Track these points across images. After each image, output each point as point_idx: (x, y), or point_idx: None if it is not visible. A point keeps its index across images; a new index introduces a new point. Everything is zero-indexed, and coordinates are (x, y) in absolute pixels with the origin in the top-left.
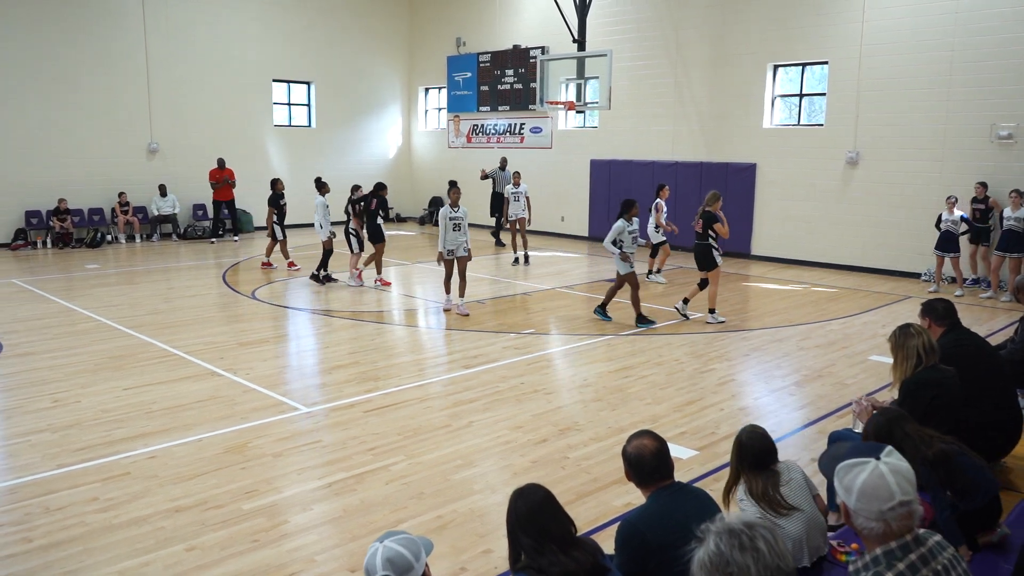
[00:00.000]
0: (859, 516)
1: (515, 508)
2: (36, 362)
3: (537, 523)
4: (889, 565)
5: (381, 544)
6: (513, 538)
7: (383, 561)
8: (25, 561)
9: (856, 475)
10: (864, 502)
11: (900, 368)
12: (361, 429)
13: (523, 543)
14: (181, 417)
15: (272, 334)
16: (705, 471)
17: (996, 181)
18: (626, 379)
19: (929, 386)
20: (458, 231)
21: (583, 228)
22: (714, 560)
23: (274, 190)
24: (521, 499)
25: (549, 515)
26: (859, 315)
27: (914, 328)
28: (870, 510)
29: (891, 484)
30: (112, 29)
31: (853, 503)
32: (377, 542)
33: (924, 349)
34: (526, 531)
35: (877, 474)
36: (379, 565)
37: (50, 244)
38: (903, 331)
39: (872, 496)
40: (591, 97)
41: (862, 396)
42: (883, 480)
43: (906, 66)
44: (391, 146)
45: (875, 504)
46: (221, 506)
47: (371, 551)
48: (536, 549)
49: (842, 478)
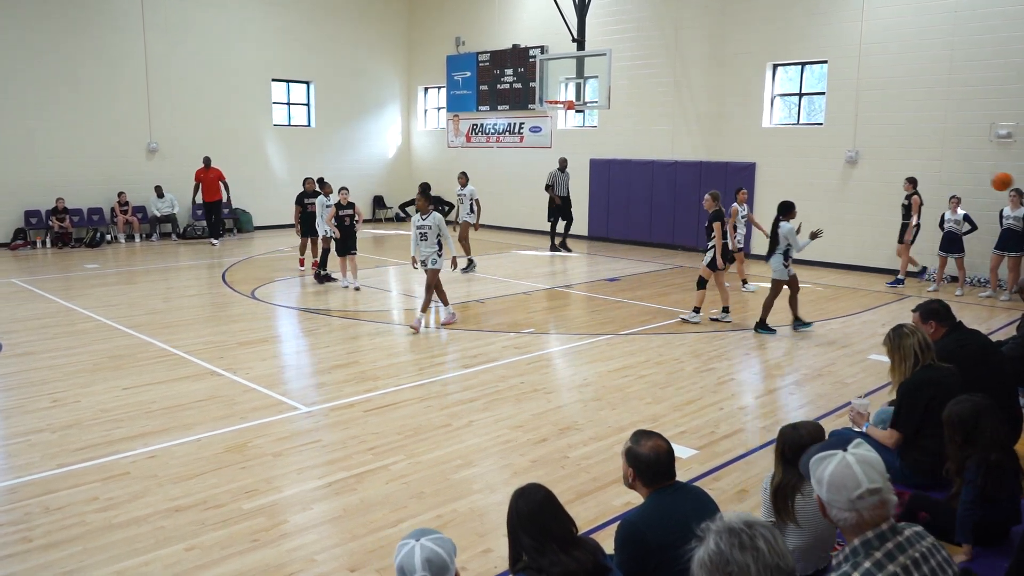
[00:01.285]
0: (832, 507)
1: (516, 508)
2: (36, 362)
3: (538, 523)
4: (867, 554)
5: (417, 543)
6: (514, 538)
7: (423, 561)
8: (25, 561)
9: (825, 467)
10: (834, 492)
11: (899, 369)
12: (361, 428)
13: (524, 543)
14: (181, 417)
15: (272, 334)
16: (705, 470)
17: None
18: (626, 378)
19: (927, 386)
20: (424, 241)
21: (583, 228)
22: (714, 559)
23: (304, 188)
24: (522, 499)
25: (550, 515)
26: (858, 314)
27: (907, 328)
28: (840, 500)
29: (858, 473)
30: (111, 28)
31: (825, 495)
32: (411, 540)
33: (920, 347)
34: (527, 531)
35: (844, 464)
36: (418, 565)
37: (49, 244)
38: (897, 332)
39: (840, 486)
40: (590, 96)
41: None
42: (849, 470)
43: (905, 65)
44: (391, 145)
45: (843, 493)
46: (221, 506)
47: (406, 549)
48: (537, 549)
49: (813, 471)
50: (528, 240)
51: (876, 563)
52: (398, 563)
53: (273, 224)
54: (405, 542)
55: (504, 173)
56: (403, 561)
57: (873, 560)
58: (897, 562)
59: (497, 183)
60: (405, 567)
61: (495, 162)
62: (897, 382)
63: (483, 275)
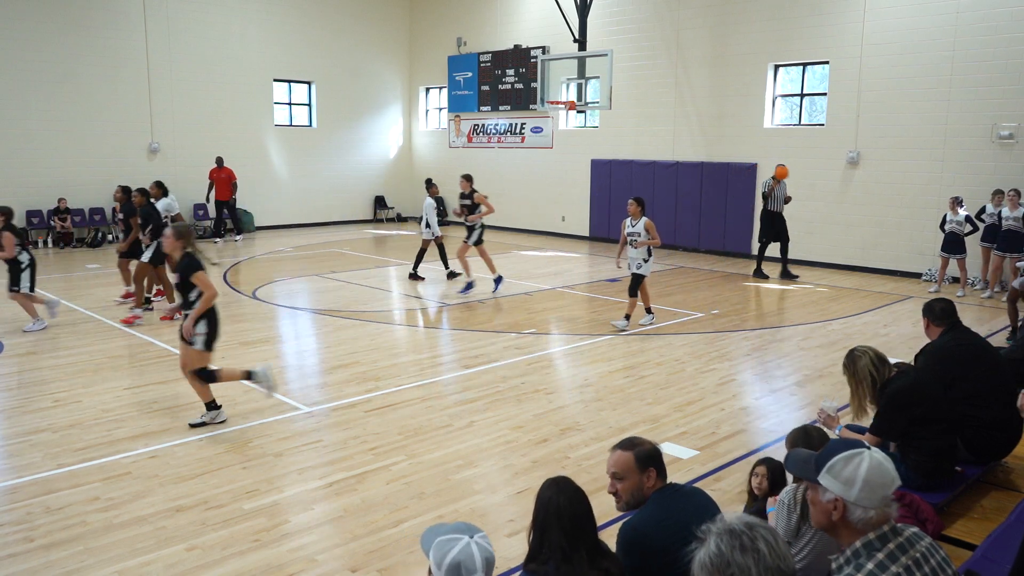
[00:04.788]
0: (858, 508)
1: (555, 501)
2: (36, 362)
3: (577, 523)
4: (869, 555)
5: (472, 540)
6: (543, 531)
7: (483, 561)
8: (26, 561)
9: (856, 466)
10: (868, 491)
11: (858, 394)
12: (362, 429)
13: (555, 540)
14: (182, 416)
15: (273, 334)
16: (706, 471)
17: (997, 181)
18: (627, 379)
19: (904, 394)
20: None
21: (583, 228)
22: (715, 561)
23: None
24: (562, 494)
25: (587, 517)
26: (860, 315)
27: (858, 351)
28: (874, 498)
29: (889, 468)
30: (113, 29)
31: (855, 495)
32: (462, 535)
33: (874, 366)
34: (564, 529)
35: (876, 462)
36: (479, 564)
37: (51, 244)
38: (850, 357)
39: (878, 484)
40: (592, 97)
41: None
42: (883, 467)
43: (907, 66)
44: (392, 146)
45: (879, 492)
46: (222, 506)
47: (461, 544)
48: (565, 551)
49: (839, 473)
50: (528, 240)
51: (879, 564)
52: (454, 559)
53: (274, 224)
54: (455, 537)
55: (505, 173)
56: (461, 558)
57: (876, 561)
58: (899, 563)
59: (498, 183)
60: (465, 564)
61: (496, 163)
62: (857, 407)
63: (484, 275)
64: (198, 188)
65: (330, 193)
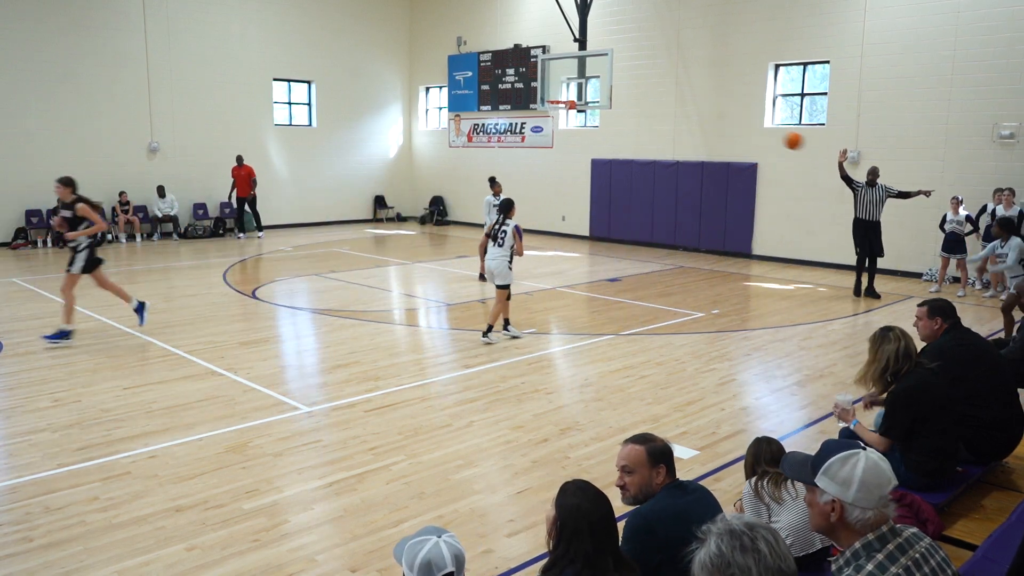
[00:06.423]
0: (855, 508)
1: (580, 507)
2: (36, 361)
3: (604, 527)
4: (869, 556)
5: (440, 539)
6: (570, 538)
7: (451, 557)
8: (25, 561)
9: (853, 466)
10: (865, 491)
11: (869, 367)
12: (362, 429)
13: (584, 548)
14: (181, 416)
15: (272, 333)
16: (706, 471)
17: (997, 181)
18: (627, 379)
19: (908, 395)
20: None
21: (584, 228)
22: (715, 561)
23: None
24: (587, 500)
25: (612, 519)
26: (861, 315)
27: (894, 333)
28: (871, 498)
29: (887, 470)
30: (113, 28)
31: (852, 495)
32: (431, 536)
33: (897, 355)
34: (595, 535)
35: (872, 462)
36: (448, 560)
37: (50, 243)
38: (882, 334)
39: (875, 484)
40: (592, 96)
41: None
42: (879, 467)
43: (907, 65)
44: (392, 145)
45: (876, 491)
46: (221, 506)
47: (429, 544)
48: (589, 556)
49: (835, 474)
50: (528, 240)
51: (878, 565)
52: (424, 558)
53: (274, 224)
54: (424, 538)
55: (505, 173)
56: (431, 556)
57: (875, 562)
58: (899, 563)
59: None
60: (435, 561)
61: (496, 162)
62: (864, 378)
63: None
64: (198, 188)
65: (330, 193)
